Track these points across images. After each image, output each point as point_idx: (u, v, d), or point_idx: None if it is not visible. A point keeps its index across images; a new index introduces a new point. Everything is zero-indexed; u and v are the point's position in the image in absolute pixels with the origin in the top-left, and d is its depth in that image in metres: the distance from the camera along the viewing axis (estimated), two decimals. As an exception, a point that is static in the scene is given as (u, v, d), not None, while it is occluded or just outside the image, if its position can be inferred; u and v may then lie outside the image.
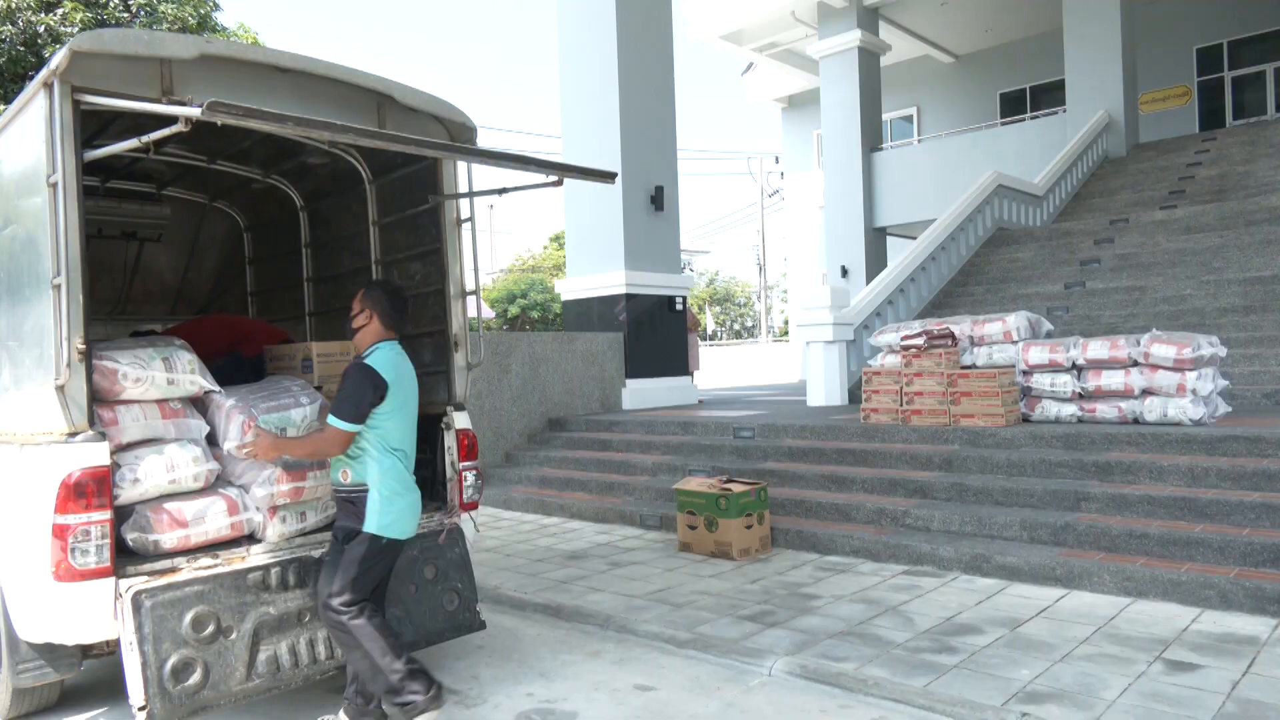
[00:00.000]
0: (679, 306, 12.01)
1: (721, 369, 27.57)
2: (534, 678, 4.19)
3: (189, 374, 3.76)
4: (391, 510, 3.50)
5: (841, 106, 18.96)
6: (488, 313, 22.65)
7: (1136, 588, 4.91)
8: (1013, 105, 21.37)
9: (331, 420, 3.42)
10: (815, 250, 22.83)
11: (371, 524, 3.46)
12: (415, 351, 4.99)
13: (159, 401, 3.70)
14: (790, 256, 25.38)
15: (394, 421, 3.55)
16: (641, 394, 11.48)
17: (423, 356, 4.95)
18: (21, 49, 12.16)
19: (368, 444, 3.50)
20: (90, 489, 3.25)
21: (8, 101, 11.53)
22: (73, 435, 3.29)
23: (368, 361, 3.52)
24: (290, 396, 3.97)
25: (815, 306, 10.03)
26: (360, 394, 3.43)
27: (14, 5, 11.95)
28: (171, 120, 3.03)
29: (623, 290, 11.23)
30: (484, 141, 4.85)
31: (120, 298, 6.26)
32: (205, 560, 3.54)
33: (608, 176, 4.16)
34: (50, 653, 3.62)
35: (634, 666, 4.31)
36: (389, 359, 3.58)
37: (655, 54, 11.83)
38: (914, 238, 16.70)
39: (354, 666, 3.47)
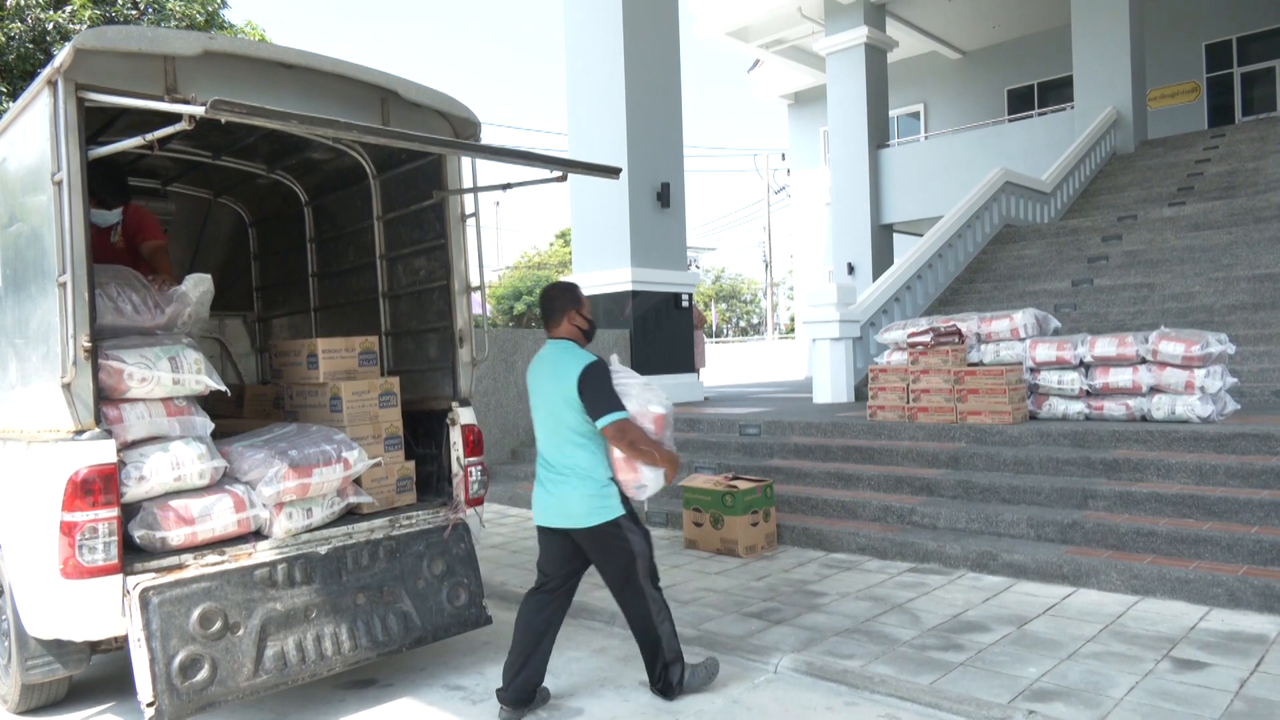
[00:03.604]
0: (685, 303, 12.00)
1: (727, 366, 27.55)
2: (539, 674, 4.19)
3: (195, 373, 3.77)
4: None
5: (848, 103, 18.91)
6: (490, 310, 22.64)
7: (1144, 586, 4.89)
8: (1020, 102, 21.28)
9: (622, 414, 3.55)
10: (821, 247, 22.80)
11: None
12: (420, 347, 5.01)
13: (164, 399, 3.71)
14: (796, 253, 25.35)
15: None
16: (647, 391, 11.46)
17: (428, 352, 4.96)
18: (30, 46, 12.19)
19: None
20: (97, 486, 3.26)
21: (17, 99, 11.56)
22: (79, 433, 3.30)
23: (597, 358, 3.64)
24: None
25: (821, 303, 10.01)
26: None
27: (23, 2, 11.98)
28: (176, 117, 3.03)
29: (629, 287, 11.22)
30: (488, 137, 4.85)
31: None
32: (212, 557, 3.55)
33: (612, 172, 4.16)
34: (59, 649, 3.64)
35: (639, 663, 4.29)
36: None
37: (661, 50, 11.81)
38: (921, 235, 16.65)
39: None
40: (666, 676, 3.77)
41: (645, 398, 3.70)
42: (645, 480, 3.69)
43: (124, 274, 4.02)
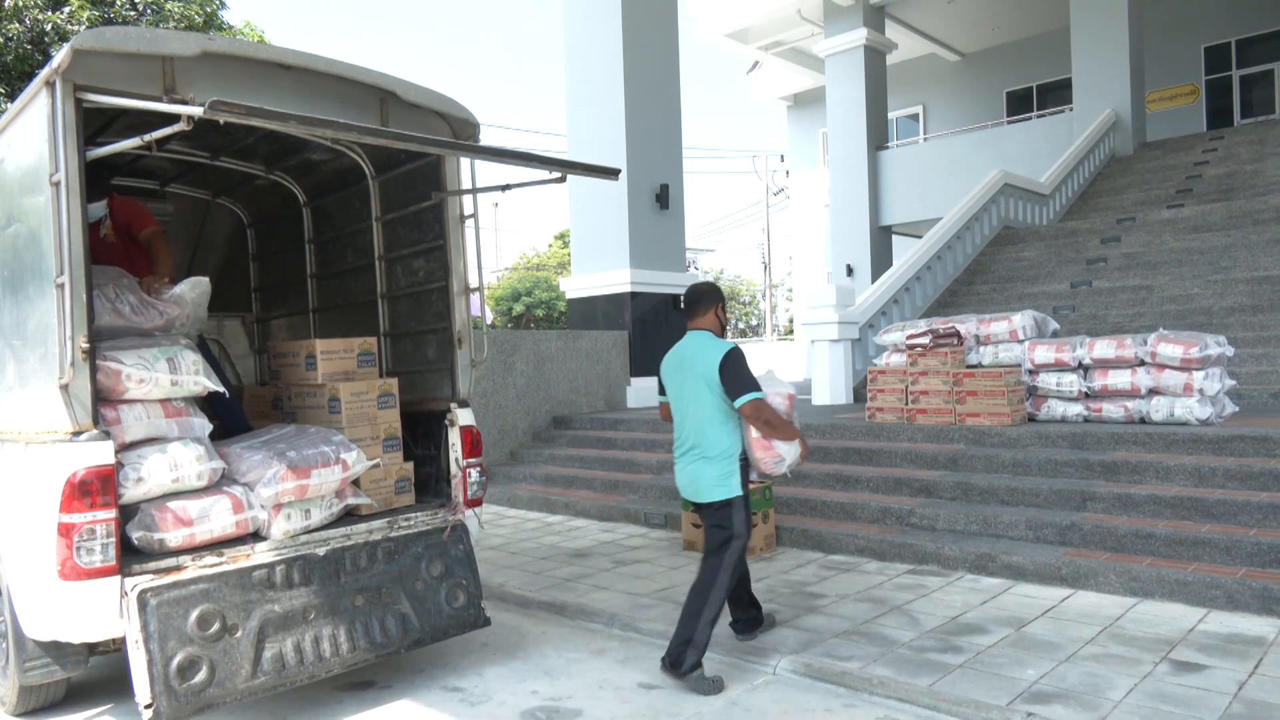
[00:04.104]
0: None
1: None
2: (538, 675, 4.19)
3: (193, 374, 3.77)
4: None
5: (847, 105, 18.92)
6: (488, 316, 22.62)
7: (1142, 588, 4.89)
8: (1019, 104, 21.30)
9: (759, 394, 3.91)
10: (820, 249, 22.81)
11: None
12: (419, 348, 5.01)
13: (162, 401, 3.71)
14: (795, 255, 25.36)
15: None
16: (646, 392, 11.47)
17: (426, 353, 4.96)
18: (28, 47, 12.18)
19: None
20: (95, 488, 3.26)
21: (15, 99, 11.55)
22: (77, 434, 3.30)
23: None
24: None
25: (820, 305, 10.01)
26: None
27: (21, 3, 11.97)
28: (174, 118, 3.03)
29: (627, 289, 11.22)
30: (487, 138, 4.85)
31: None
32: (210, 558, 3.54)
33: (611, 173, 4.16)
34: (56, 650, 3.63)
35: (638, 665, 4.30)
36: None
37: (660, 52, 11.82)
38: (919, 236, 16.66)
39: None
40: (684, 656, 3.90)
41: (773, 385, 4.26)
42: (782, 454, 4.10)
43: (121, 277, 4.01)
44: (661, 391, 4.35)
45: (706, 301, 4.20)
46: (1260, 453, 5.79)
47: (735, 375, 3.93)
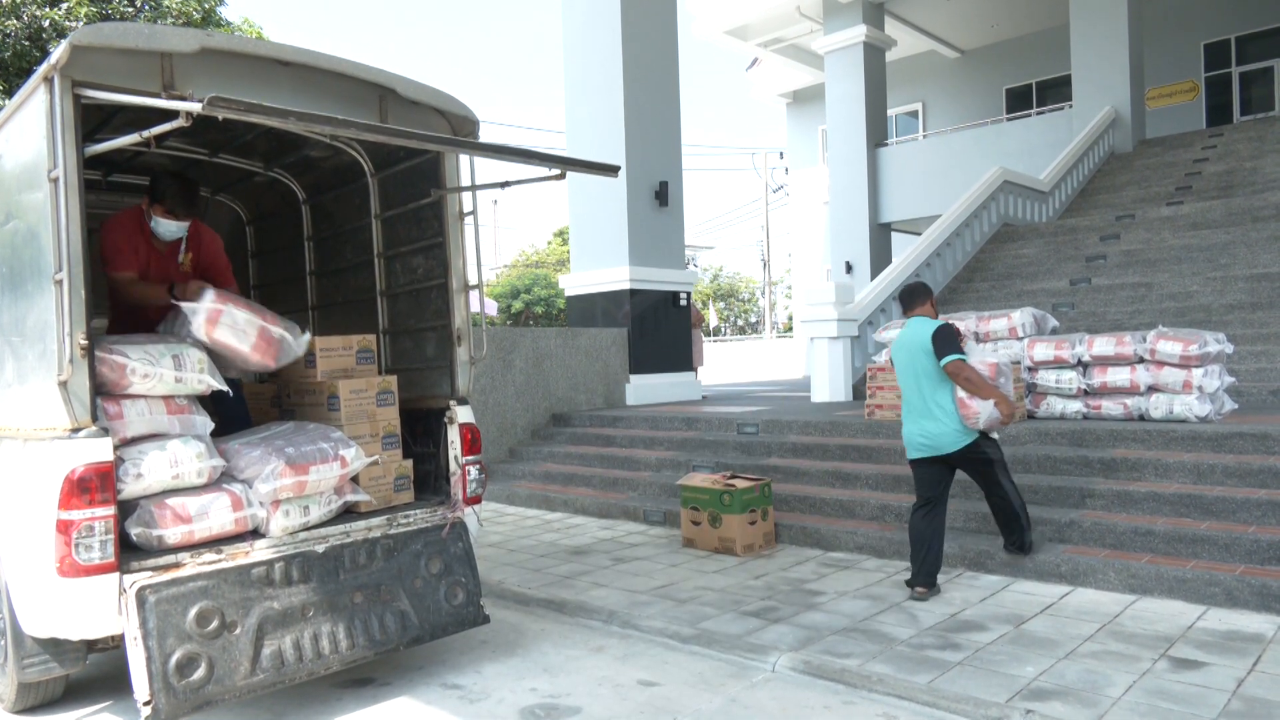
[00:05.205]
0: (683, 302, 12.00)
1: (725, 365, 27.54)
2: (538, 673, 4.19)
3: (197, 372, 3.76)
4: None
5: (846, 102, 18.91)
6: (490, 308, 22.59)
7: (1141, 585, 4.89)
8: (1018, 101, 21.29)
9: (961, 355, 4.86)
10: (820, 246, 22.80)
11: None
12: (418, 345, 5.00)
13: (165, 397, 3.71)
14: (795, 252, 25.34)
15: None
16: (645, 390, 11.47)
17: (425, 351, 4.95)
18: (26, 43, 12.15)
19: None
20: (94, 484, 3.25)
21: (12, 96, 11.53)
22: (76, 431, 3.29)
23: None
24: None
25: (819, 302, 10.01)
26: None
27: None
28: (173, 114, 3.02)
29: (627, 286, 11.21)
30: (487, 135, 4.85)
31: None
32: (209, 555, 3.54)
33: (610, 170, 4.15)
34: (55, 647, 3.63)
35: (637, 662, 4.30)
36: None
37: (659, 49, 11.80)
38: (919, 234, 16.64)
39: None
40: (1023, 539, 5.20)
41: (979, 354, 5.24)
42: (979, 410, 4.89)
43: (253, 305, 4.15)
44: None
45: (922, 296, 5.26)
46: (1259, 450, 5.80)
47: (943, 342, 4.91)
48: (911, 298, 5.29)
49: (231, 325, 3.91)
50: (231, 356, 3.99)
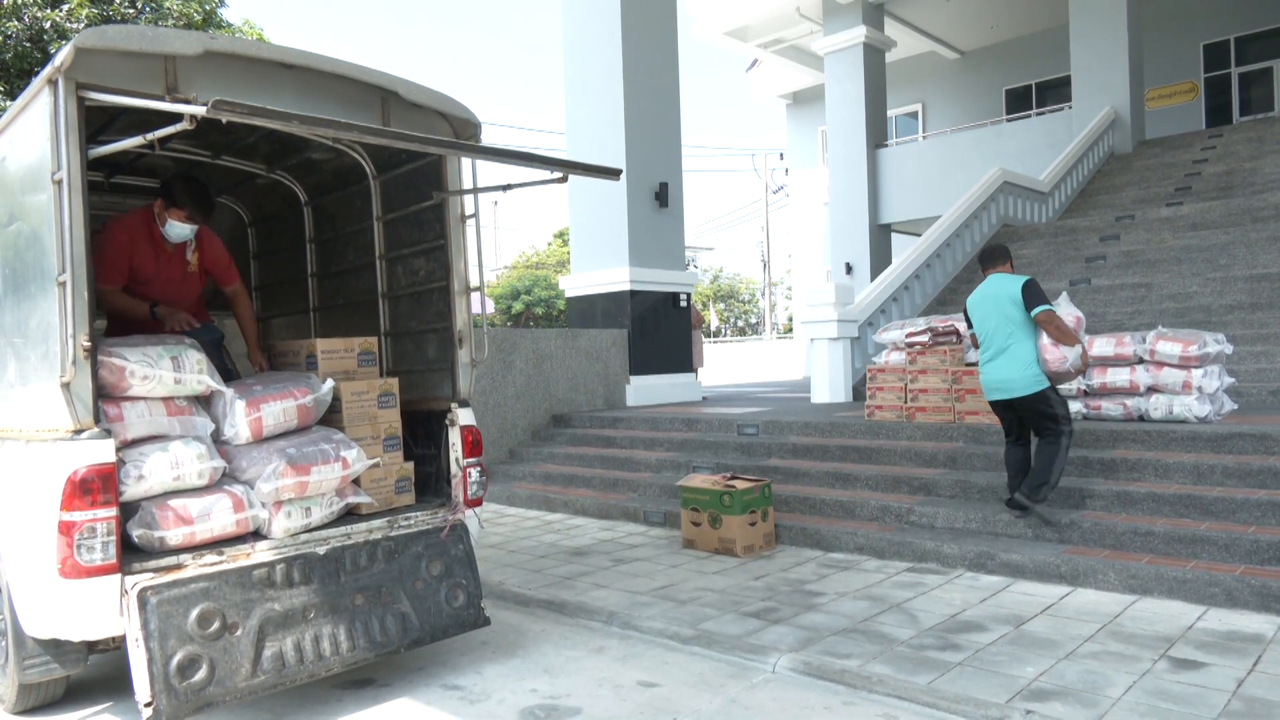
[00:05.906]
0: (683, 303, 12.01)
1: (725, 366, 27.55)
2: (538, 674, 4.20)
3: (196, 373, 3.77)
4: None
5: (846, 103, 18.92)
6: (487, 306, 22.63)
7: (1141, 585, 4.90)
8: (1018, 102, 21.31)
9: (1051, 306, 5.35)
10: (820, 247, 22.81)
11: None
12: (419, 347, 5.01)
13: (165, 399, 3.71)
14: (795, 253, 25.36)
15: None
16: (646, 391, 11.48)
17: (427, 352, 4.96)
18: (28, 45, 12.17)
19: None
20: (96, 485, 3.26)
21: (14, 97, 11.55)
22: (78, 432, 3.30)
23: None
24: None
25: (819, 303, 10.02)
26: None
27: (20, 1, 11.96)
28: (176, 117, 3.03)
29: (627, 287, 11.22)
30: (488, 138, 4.85)
31: None
32: (210, 557, 3.55)
33: (612, 173, 4.16)
34: (56, 648, 3.63)
35: (638, 663, 4.31)
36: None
37: (659, 50, 11.81)
38: (919, 234, 16.66)
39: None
40: (1037, 493, 5.42)
41: (1065, 307, 5.92)
42: (1066, 354, 5.38)
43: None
44: (969, 325, 5.87)
45: (1002, 255, 5.78)
46: (1259, 450, 5.80)
47: (1033, 294, 5.37)
48: (992, 257, 5.79)
49: (274, 424, 3.96)
50: None
